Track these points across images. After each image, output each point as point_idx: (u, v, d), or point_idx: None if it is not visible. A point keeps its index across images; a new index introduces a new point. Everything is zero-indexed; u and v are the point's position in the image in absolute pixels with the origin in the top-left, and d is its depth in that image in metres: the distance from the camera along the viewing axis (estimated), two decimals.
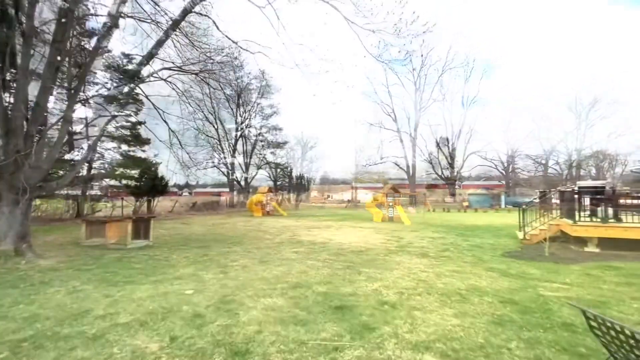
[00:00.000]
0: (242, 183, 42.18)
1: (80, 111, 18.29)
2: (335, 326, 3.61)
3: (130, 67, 14.11)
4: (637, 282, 5.34)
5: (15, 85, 8.03)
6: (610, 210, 8.13)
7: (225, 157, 38.20)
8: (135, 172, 21.54)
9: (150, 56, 10.77)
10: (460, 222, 17.46)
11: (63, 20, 7.65)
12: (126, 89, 12.80)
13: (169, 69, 12.53)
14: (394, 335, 3.38)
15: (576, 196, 8.36)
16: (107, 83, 19.87)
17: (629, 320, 3.83)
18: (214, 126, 36.60)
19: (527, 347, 3.12)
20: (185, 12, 9.69)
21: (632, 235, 7.69)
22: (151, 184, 21.77)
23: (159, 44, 10.47)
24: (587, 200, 8.47)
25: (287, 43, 9.94)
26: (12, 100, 7.90)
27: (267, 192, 25.17)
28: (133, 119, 22.07)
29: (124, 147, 22.29)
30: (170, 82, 12.99)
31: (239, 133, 39.45)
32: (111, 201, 22.92)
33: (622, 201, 8.98)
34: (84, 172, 20.43)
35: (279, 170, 56.13)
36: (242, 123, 39.55)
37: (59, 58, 8.15)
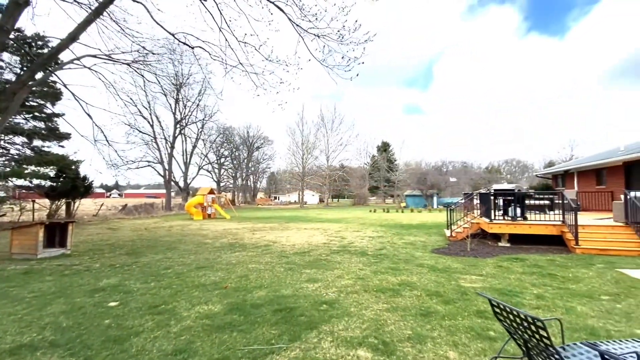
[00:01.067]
0: (181, 184, 39.57)
1: None
2: (274, 329, 3.58)
3: (45, 50, 12.32)
4: (537, 271, 6.26)
5: None
6: (519, 210, 9.41)
7: (162, 156, 35.42)
8: (50, 171, 18.84)
9: (71, 39, 9.52)
10: (398, 222, 18.63)
11: None
12: (40, 75, 11.13)
13: (95, 56, 11.22)
14: (330, 333, 3.47)
15: (492, 198, 9.52)
16: (12, 67, 17.15)
17: (529, 304, 4.47)
18: (149, 122, 33.80)
19: (448, 335, 3.46)
20: None
21: (535, 231, 9.00)
22: (71, 185, 19.25)
23: (83, 26, 9.33)
24: (500, 201, 9.70)
25: (230, 40, 9.61)
26: None
27: (208, 194, 23.93)
28: (49, 110, 19.34)
29: (38, 142, 19.40)
30: (96, 72, 11.64)
31: (178, 130, 36.91)
32: (19, 203, 19.70)
33: (527, 202, 10.46)
34: None
35: (222, 170, 54.00)
36: (181, 120, 37.09)
37: None
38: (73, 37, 9.54)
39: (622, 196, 8.78)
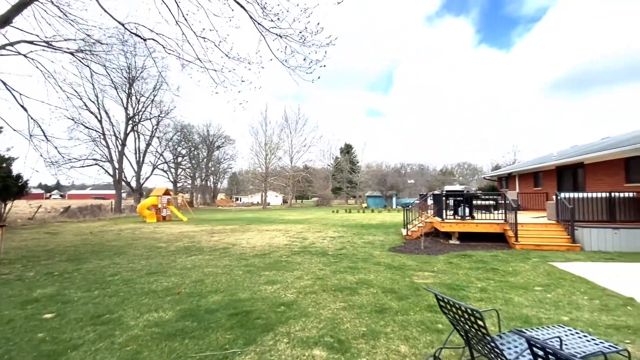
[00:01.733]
0: (133, 184, 37.04)
1: None
2: (228, 334, 3.49)
3: None
4: (482, 266, 6.77)
5: None
6: (467, 210, 10.12)
7: (111, 154, 32.89)
8: None
9: (3, 22, 8.50)
10: (359, 222, 19.09)
11: None
12: None
13: (32, 42, 10.12)
14: (286, 334, 3.46)
15: (443, 198, 10.14)
16: None
17: (474, 297, 4.82)
18: (96, 117, 31.19)
19: (400, 329, 3.61)
20: None
21: (481, 229, 9.73)
22: (1, 184, 17.16)
23: (17, 9, 8.39)
24: (451, 202, 10.36)
25: (188, 34, 9.21)
26: None
27: (163, 195, 22.65)
28: None
29: None
30: (33, 60, 10.51)
31: (130, 127, 34.50)
32: None
33: (475, 202, 11.28)
34: None
35: (179, 170, 51.43)
36: (134, 116, 34.73)
37: None
38: (6, 20, 8.57)
39: (554, 197, 9.81)
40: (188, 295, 4.92)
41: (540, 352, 1.82)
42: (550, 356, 1.77)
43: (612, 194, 9.25)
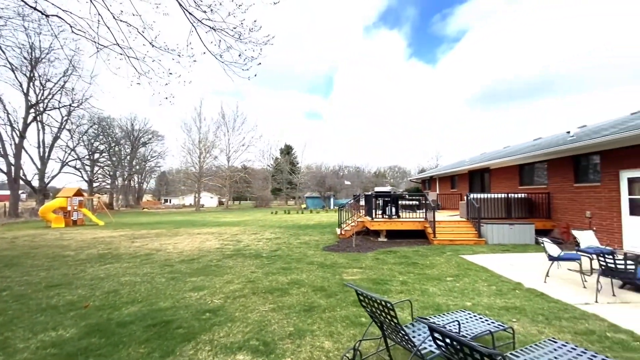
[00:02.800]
0: (36, 183, 31.66)
1: None
2: (143, 347, 3.20)
3: None
4: (405, 261, 7.36)
5: None
6: (394, 209, 10.92)
7: (5, 148, 27.64)
8: None
9: None
10: (296, 223, 19.20)
11: None
12: None
13: None
14: (209, 342, 3.30)
15: (373, 199, 10.79)
16: None
17: (395, 289, 5.20)
18: None
19: (326, 326, 3.72)
20: None
21: (406, 227, 10.58)
22: None
23: None
24: (380, 202, 11.07)
25: (105, 15, 8.21)
26: None
27: (74, 196, 19.78)
28: None
29: None
30: None
31: (31, 116, 29.44)
32: None
33: (401, 202, 12.22)
34: None
35: (96, 168, 45.50)
36: (37, 103, 29.72)
37: None
38: None
39: (465, 197, 11.15)
40: (97, 309, 4.37)
41: (439, 336, 2.07)
42: (446, 338, 2.02)
43: (509, 195, 10.89)
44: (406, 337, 2.57)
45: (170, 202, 66.75)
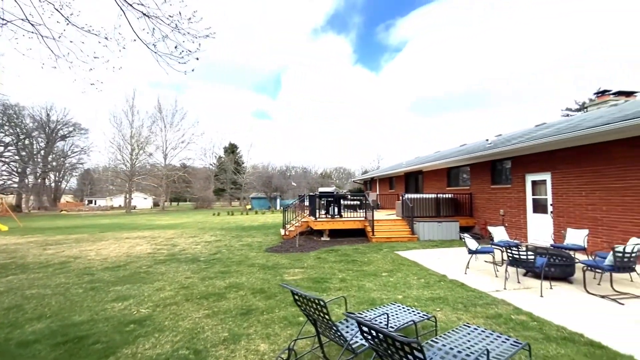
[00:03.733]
0: None
1: None
2: None
3: None
4: (345, 259, 7.60)
5: None
6: (336, 209, 11.23)
7: None
8: None
9: None
10: (240, 224, 18.62)
11: None
12: None
13: None
14: (131, 356, 3.03)
15: (317, 199, 10.96)
16: None
17: (334, 287, 5.34)
18: None
19: (263, 329, 3.66)
20: None
21: (347, 226, 10.95)
22: None
23: None
24: (324, 202, 11.29)
25: None
26: None
27: None
28: None
29: None
30: None
31: None
32: None
33: (344, 202, 12.61)
34: None
35: (0, 164, 38.71)
36: None
37: None
38: None
39: (401, 197, 11.93)
40: None
41: (366, 329, 2.18)
42: (372, 331, 2.14)
43: (438, 195, 11.93)
44: (338, 333, 2.65)
45: (95, 203, 59.74)
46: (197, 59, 8.54)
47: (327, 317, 2.54)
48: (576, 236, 6.66)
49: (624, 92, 12.57)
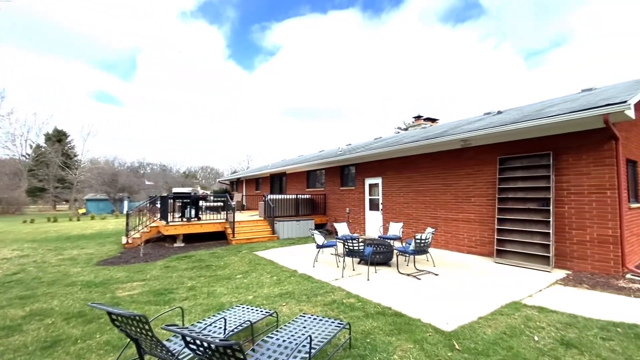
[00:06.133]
0: None
1: None
2: None
3: None
4: (198, 265, 7.10)
5: None
6: (194, 212, 10.42)
7: None
8: None
9: None
10: (65, 233, 14.74)
11: None
12: None
13: None
14: None
15: (170, 200, 9.87)
16: None
17: (180, 297, 4.89)
18: None
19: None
20: None
21: (206, 229, 10.30)
22: None
23: None
24: (179, 204, 10.27)
25: None
26: None
27: None
28: None
29: None
30: None
31: None
32: None
33: (205, 204, 11.84)
34: None
35: None
36: None
37: None
38: None
39: (264, 198, 12.16)
40: None
41: (190, 339, 2.06)
42: (196, 341, 2.05)
43: (298, 196, 12.78)
44: (165, 349, 2.42)
45: None
46: None
47: (149, 333, 2.28)
48: (395, 228, 8.37)
49: (431, 119, 16.77)
